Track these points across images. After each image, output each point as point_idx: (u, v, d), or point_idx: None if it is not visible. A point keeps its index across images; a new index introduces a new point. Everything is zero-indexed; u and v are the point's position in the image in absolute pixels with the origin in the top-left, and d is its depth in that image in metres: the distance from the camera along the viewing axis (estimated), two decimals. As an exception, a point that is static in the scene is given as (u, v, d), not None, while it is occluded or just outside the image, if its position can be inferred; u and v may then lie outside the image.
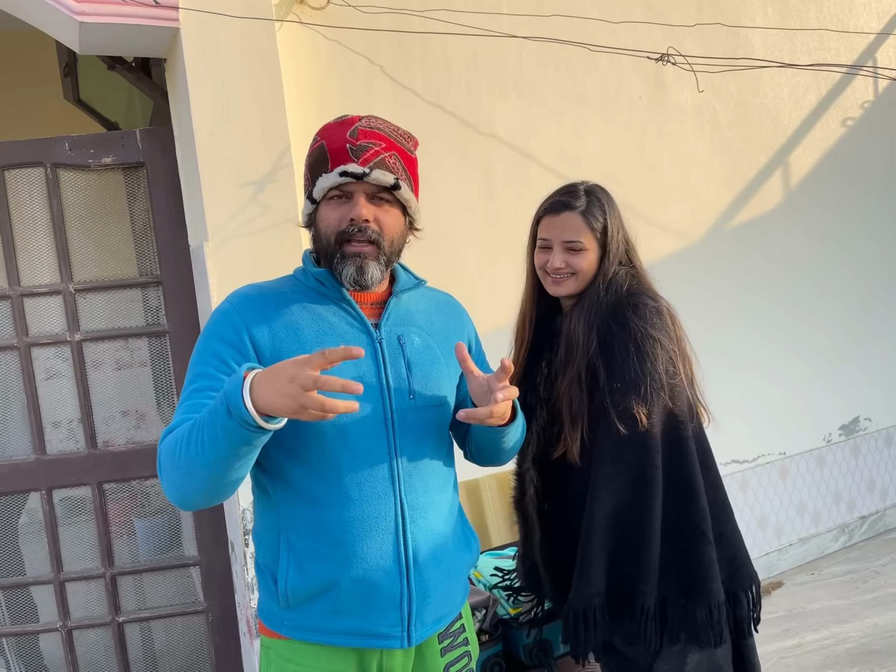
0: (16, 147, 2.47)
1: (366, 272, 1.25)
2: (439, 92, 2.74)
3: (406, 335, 1.34)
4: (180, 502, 1.18)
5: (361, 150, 1.24)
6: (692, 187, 3.31)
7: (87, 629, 2.61)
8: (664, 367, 1.54)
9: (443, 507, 1.36)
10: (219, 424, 1.05)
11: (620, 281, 1.61)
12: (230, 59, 2.26)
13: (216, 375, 1.22)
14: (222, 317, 1.28)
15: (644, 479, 1.52)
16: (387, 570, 1.26)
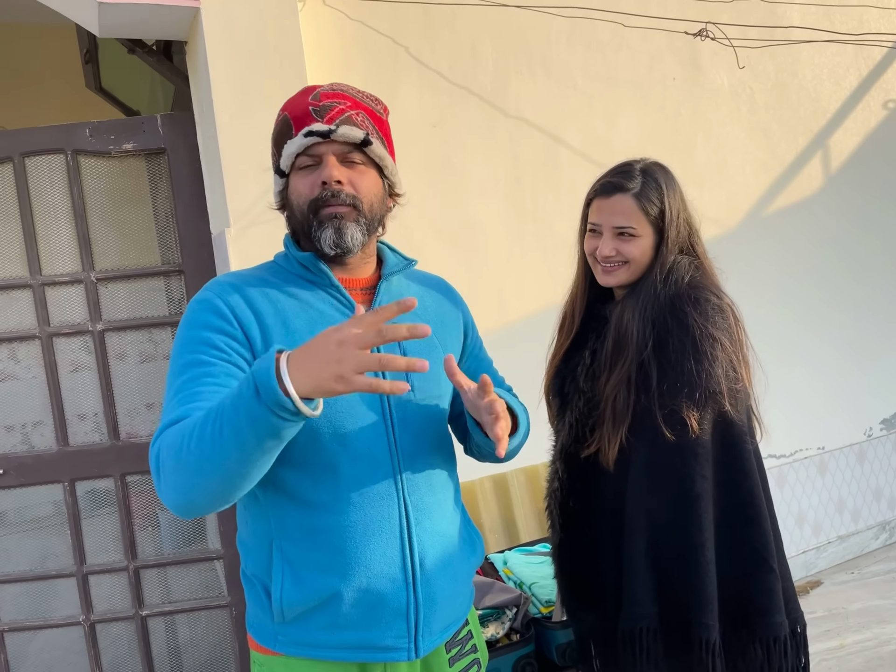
0: (36, 134, 2.43)
1: (345, 233, 1.15)
2: (466, 73, 2.66)
3: (399, 321, 1.21)
4: (183, 508, 1.02)
5: (325, 110, 1.15)
6: (728, 172, 3.19)
7: (111, 623, 2.58)
8: (724, 370, 1.38)
9: (447, 506, 1.27)
10: (243, 412, 0.91)
11: (682, 271, 1.45)
12: (252, 40, 2.19)
13: (211, 361, 1.08)
14: (204, 305, 1.14)
15: (693, 492, 1.37)
16: (392, 578, 1.16)
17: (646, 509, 1.40)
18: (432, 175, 2.61)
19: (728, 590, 1.40)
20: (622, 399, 1.42)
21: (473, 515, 2.56)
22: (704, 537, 1.36)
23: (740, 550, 1.41)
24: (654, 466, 1.41)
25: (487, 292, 2.72)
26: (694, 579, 1.36)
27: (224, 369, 1.09)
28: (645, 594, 1.38)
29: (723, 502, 1.40)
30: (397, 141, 2.60)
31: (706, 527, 1.37)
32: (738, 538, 1.41)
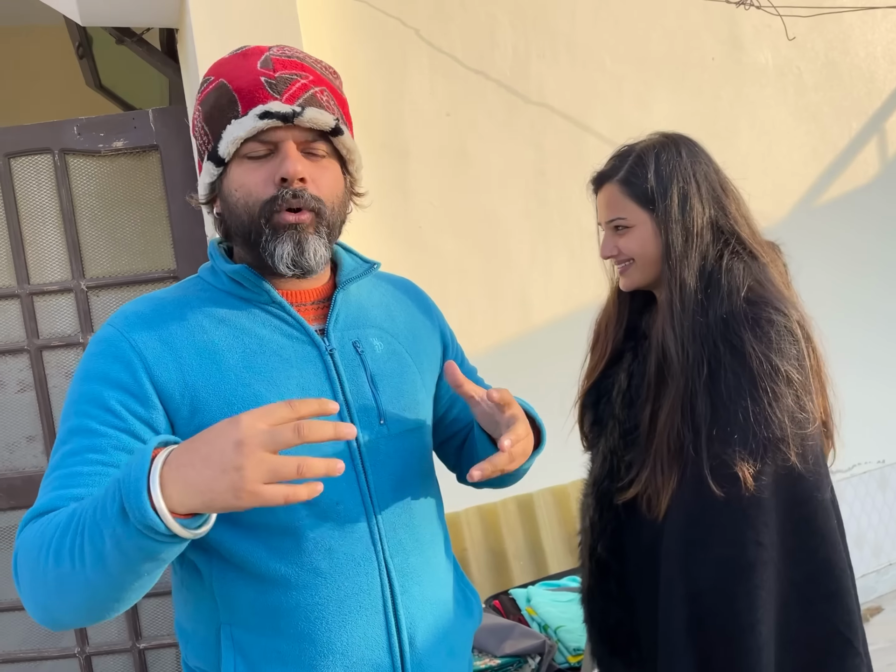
0: (22, 132, 2.27)
1: (306, 249, 0.91)
2: (482, 57, 2.44)
3: (363, 340, 1.01)
4: (49, 624, 0.81)
5: (283, 83, 0.90)
6: (774, 159, 2.92)
7: (106, 655, 2.41)
8: (789, 412, 1.12)
9: (437, 564, 1.03)
10: (107, 532, 0.71)
11: (735, 277, 1.17)
12: (244, 25, 2.00)
13: (100, 430, 0.86)
14: (104, 347, 0.91)
15: (742, 561, 1.11)
16: (376, 665, 0.93)
17: (685, 575, 1.14)
18: (446, 167, 2.39)
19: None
20: (676, 437, 1.16)
21: (496, 541, 2.33)
22: (756, 617, 1.10)
23: (819, 632, 1.16)
24: (696, 525, 1.15)
25: (509, 294, 2.49)
26: (741, 665, 1.10)
27: (115, 441, 0.86)
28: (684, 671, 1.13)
29: (794, 574, 1.14)
30: (409, 132, 2.41)
31: (759, 604, 1.10)
32: (815, 617, 1.15)
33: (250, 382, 0.92)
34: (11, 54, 3.87)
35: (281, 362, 0.94)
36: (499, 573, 2.29)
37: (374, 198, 2.33)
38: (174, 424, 0.90)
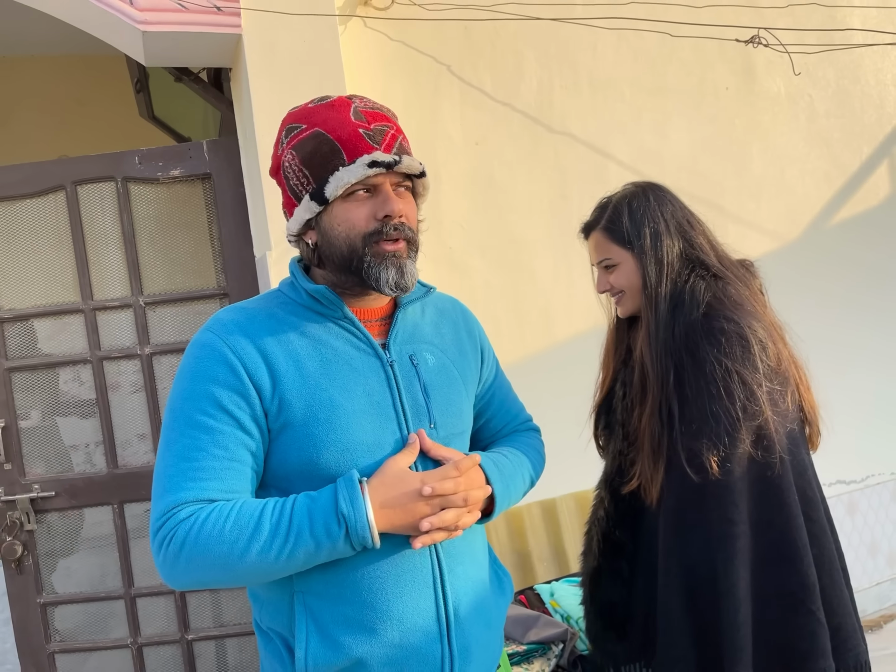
0: (87, 162, 2.49)
1: (406, 273, 1.09)
2: (509, 90, 2.62)
3: (418, 353, 1.18)
4: (187, 587, 1.09)
5: (379, 135, 1.07)
6: (787, 183, 3.06)
7: (158, 646, 2.58)
8: (742, 405, 1.32)
9: (477, 548, 1.20)
10: (326, 546, 1.01)
11: (696, 296, 1.39)
12: (292, 64, 2.20)
13: (218, 428, 1.04)
14: (207, 351, 1.06)
15: (717, 536, 1.33)
16: (426, 631, 1.09)
17: (677, 551, 1.37)
18: (475, 193, 2.57)
19: (767, 635, 1.33)
20: (656, 436, 1.39)
21: (521, 543, 2.48)
22: (731, 581, 1.32)
23: (777, 592, 1.34)
24: (683, 508, 1.37)
25: (533, 312, 2.65)
26: (724, 625, 1.31)
27: (233, 438, 1.05)
28: (682, 637, 1.34)
29: (758, 542, 1.34)
30: (440, 160, 2.59)
31: (733, 570, 1.32)
32: (773, 578, 1.34)
33: (327, 387, 1.08)
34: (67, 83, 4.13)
35: (351, 371, 1.11)
36: (524, 573, 2.43)
37: (408, 221, 2.51)
38: (267, 418, 1.08)
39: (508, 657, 1.79)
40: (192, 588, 1.08)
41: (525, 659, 1.78)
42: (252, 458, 1.07)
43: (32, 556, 2.55)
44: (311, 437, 1.07)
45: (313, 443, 1.07)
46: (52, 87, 4.24)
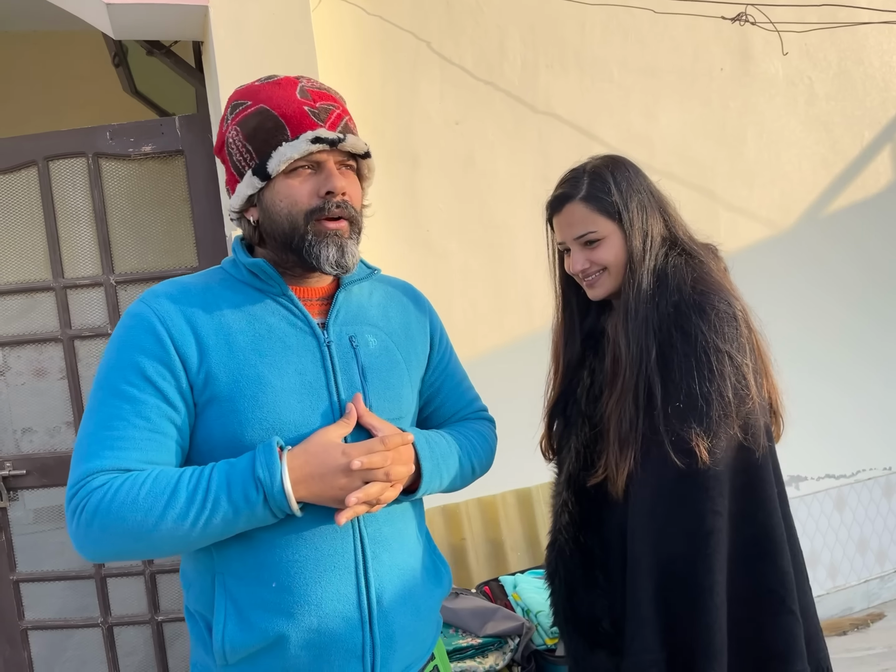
0: (59, 137, 2.45)
1: (346, 252, 1.07)
2: (492, 68, 2.54)
3: (359, 335, 1.15)
4: (100, 560, 1.05)
5: (325, 113, 1.06)
6: (782, 168, 2.96)
7: (127, 626, 2.58)
8: (733, 387, 1.24)
9: (408, 536, 1.16)
10: (244, 512, 0.99)
11: (679, 273, 1.30)
12: (261, 37, 2.13)
13: (141, 398, 1.02)
14: (137, 321, 1.05)
15: (702, 530, 1.23)
16: (346, 617, 1.06)
17: (653, 546, 1.25)
18: (455, 174, 2.50)
19: (744, 633, 1.25)
20: (627, 420, 1.28)
21: (494, 532, 2.44)
22: (714, 579, 1.22)
23: (755, 590, 1.26)
24: (662, 498, 1.26)
25: (513, 298, 2.59)
26: (701, 626, 1.21)
27: (157, 409, 1.03)
28: (653, 640, 1.24)
29: (737, 536, 1.25)
30: (418, 139, 2.52)
31: (717, 567, 1.22)
32: (752, 576, 1.26)
33: (256, 363, 1.06)
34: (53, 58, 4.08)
35: (284, 348, 1.08)
36: (497, 563, 2.39)
37: (385, 202, 2.46)
38: (193, 391, 1.05)
39: (463, 650, 1.76)
40: (107, 560, 1.05)
41: (480, 652, 1.75)
42: (176, 430, 1.05)
43: (6, 533, 2.55)
44: (236, 412, 1.04)
45: (238, 419, 1.04)
46: (50, 63, 4.20)
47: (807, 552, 3.00)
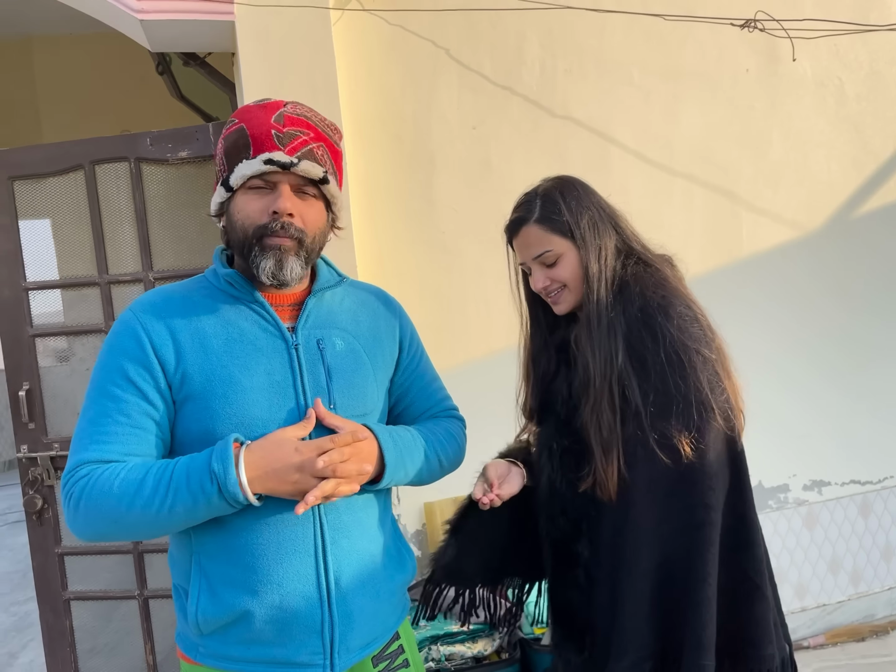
0: (105, 143, 2.63)
1: (285, 266, 1.17)
2: (510, 73, 2.61)
3: (326, 338, 1.24)
4: (93, 540, 1.16)
5: (289, 138, 1.15)
6: (810, 169, 2.93)
7: (163, 599, 2.76)
8: (707, 380, 1.28)
9: (369, 523, 1.26)
10: (202, 502, 1.08)
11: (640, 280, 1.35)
12: (283, 49, 2.26)
13: (124, 397, 1.14)
14: (123, 328, 1.18)
15: (693, 522, 1.26)
16: (305, 596, 1.17)
17: (647, 545, 1.28)
18: (471, 177, 2.58)
19: (721, 620, 1.29)
20: (606, 425, 1.32)
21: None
22: (707, 570, 1.25)
23: (734, 578, 1.30)
24: (652, 497, 1.29)
25: (528, 297, 2.65)
26: (693, 616, 1.25)
27: (138, 407, 1.15)
28: (645, 642, 1.27)
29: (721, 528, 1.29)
30: (435, 143, 2.61)
31: (709, 559, 1.25)
32: (730, 565, 1.30)
33: (227, 364, 1.17)
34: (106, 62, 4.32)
35: (255, 350, 1.19)
36: None
37: (402, 204, 2.55)
38: (171, 390, 1.17)
39: (453, 635, 1.84)
40: (96, 540, 1.17)
41: (470, 637, 1.83)
42: (155, 425, 1.17)
43: (52, 509, 2.76)
44: (208, 409, 1.16)
45: (210, 415, 1.16)
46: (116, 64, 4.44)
47: (829, 557, 2.97)
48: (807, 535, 2.95)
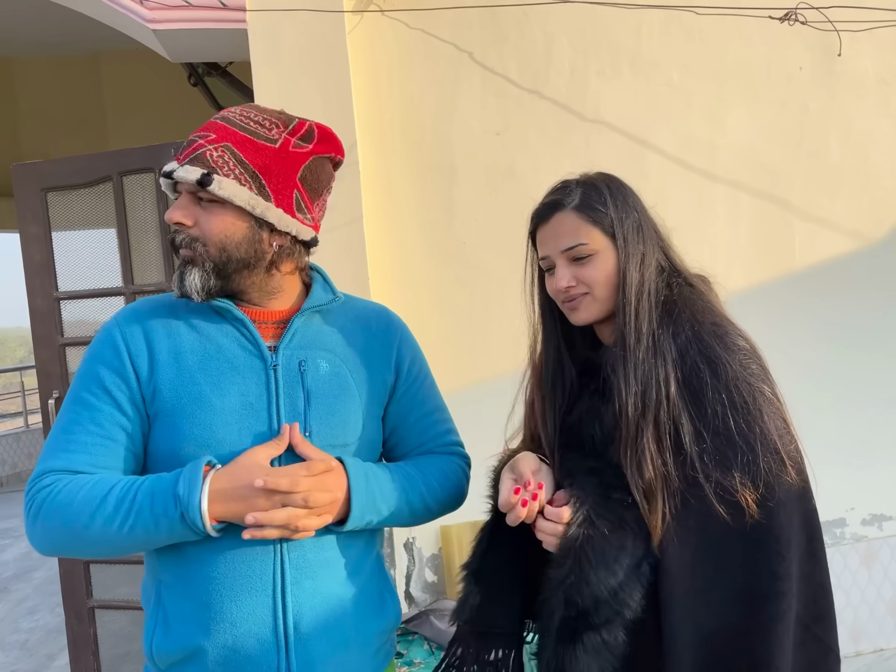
0: (131, 154, 2.64)
1: (185, 278, 1.09)
2: (537, 77, 2.48)
3: (310, 360, 1.15)
4: (48, 553, 1.10)
5: (187, 145, 1.09)
6: (872, 174, 2.68)
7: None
8: (776, 427, 1.08)
9: (340, 565, 1.14)
10: (164, 525, 1.03)
11: (689, 303, 1.15)
12: (294, 58, 2.21)
13: (97, 406, 1.10)
14: (104, 335, 1.14)
15: (757, 593, 1.04)
16: (260, 639, 1.07)
17: (693, 614, 1.05)
18: (494, 185, 2.47)
19: None
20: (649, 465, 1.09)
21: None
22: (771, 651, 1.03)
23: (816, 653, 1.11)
24: (705, 559, 1.06)
25: (555, 311, 2.51)
26: None
27: (108, 416, 1.10)
28: None
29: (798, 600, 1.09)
30: (457, 150, 2.50)
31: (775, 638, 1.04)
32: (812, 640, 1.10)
33: (199, 382, 1.10)
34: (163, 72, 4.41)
35: (231, 369, 1.12)
36: None
37: (421, 214, 2.46)
38: (144, 402, 1.12)
39: None
40: (55, 554, 1.12)
41: None
42: (127, 437, 1.11)
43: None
44: (175, 427, 1.09)
45: (176, 434, 1.09)
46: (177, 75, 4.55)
47: (888, 598, 2.71)
48: (864, 574, 2.69)
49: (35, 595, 4.68)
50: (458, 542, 2.41)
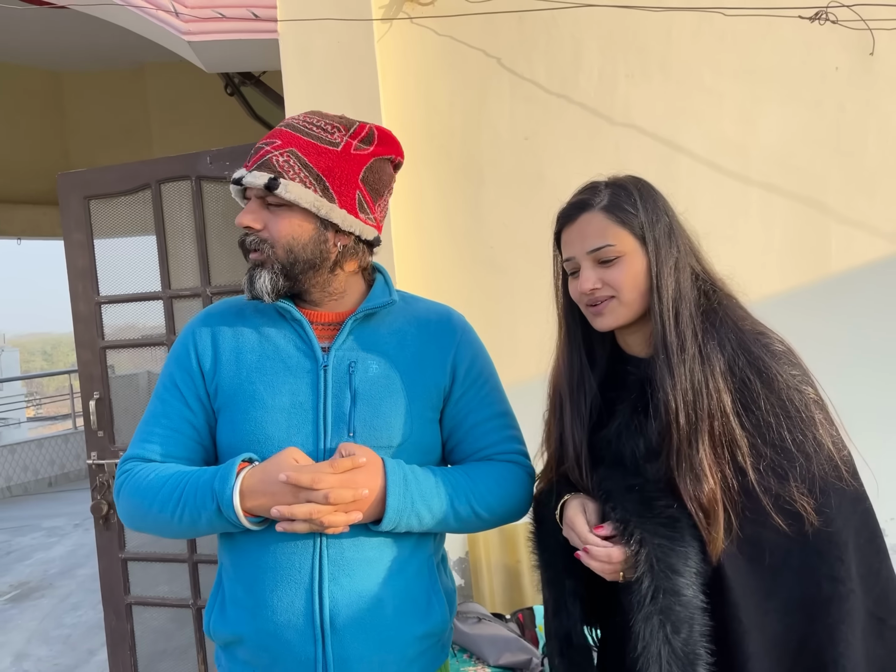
0: (168, 162, 2.72)
1: (255, 282, 1.16)
2: (565, 81, 2.48)
3: (360, 361, 1.19)
4: (131, 527, 1.23)
5: (255, 152, 1.16)
6: (913, 176, 2.61)
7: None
8: (829, 433, 1.09)
9: (380, 565, 1.16)
10: (205, 517, 1.11)
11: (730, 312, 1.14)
12: (325, 66, 2.25)
13: (168, 401, 1.22)
14: (181, 336, 1.26)
15: (818, 599, 1.05)
16: (298, 630, 1.13)
17: (759, 627, 1.06)
18: (521, 190, 2.47)
19: None
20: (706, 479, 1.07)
21: (513, 560, 2.37)
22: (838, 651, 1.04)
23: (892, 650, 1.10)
24: (764, 569, 1.07)
25: (584, 316, 2.50)
26: None
27: (178, 412, 1.21)
28: None
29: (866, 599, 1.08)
30: (485, 156, 2.51)
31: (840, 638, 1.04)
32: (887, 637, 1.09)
33: (255, 381, 1.17)
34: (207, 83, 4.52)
35: (284, 369, 1.18)
36: (512, 591, 2.32)
37: (449, 219, 2.48)
38: (209, 398, 1.22)
39: (469, 676, 1.74)
40: (136, 529, 1.24)
41: (491, 680, 1.72)
42: (194, 430, 1.22)
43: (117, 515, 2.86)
44: (233, 422, 1.18)
45: (233, 429, 1.18)
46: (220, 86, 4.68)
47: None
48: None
49: (79, 591, 4.82)
50: (485, 547, 2.41)
